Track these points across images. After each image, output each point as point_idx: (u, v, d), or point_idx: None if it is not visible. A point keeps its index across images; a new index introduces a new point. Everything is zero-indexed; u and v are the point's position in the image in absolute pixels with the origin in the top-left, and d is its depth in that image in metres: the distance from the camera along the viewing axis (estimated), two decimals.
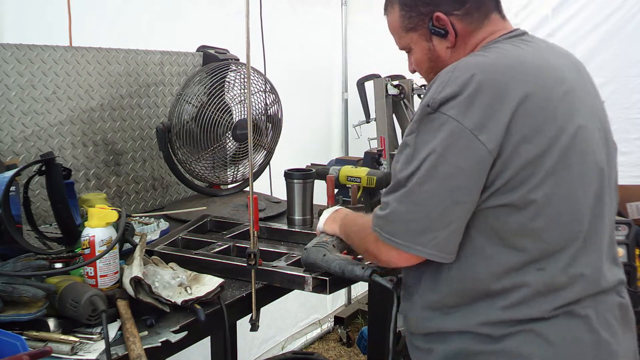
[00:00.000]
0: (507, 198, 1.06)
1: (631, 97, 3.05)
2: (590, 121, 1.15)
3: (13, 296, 1.13)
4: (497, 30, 1.22)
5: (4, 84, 1.72)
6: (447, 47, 1.22)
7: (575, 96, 1.13)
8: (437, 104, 1.06)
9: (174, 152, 2.02)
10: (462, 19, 1.20)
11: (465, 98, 1.04)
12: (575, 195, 1.09)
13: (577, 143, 1.09)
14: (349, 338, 3.56)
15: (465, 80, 1.05)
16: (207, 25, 2.65)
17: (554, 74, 1.13)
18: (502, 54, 1.14)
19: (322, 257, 1.34)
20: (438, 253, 1.09)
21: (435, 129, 1.06)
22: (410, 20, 1.24)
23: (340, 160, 2.34)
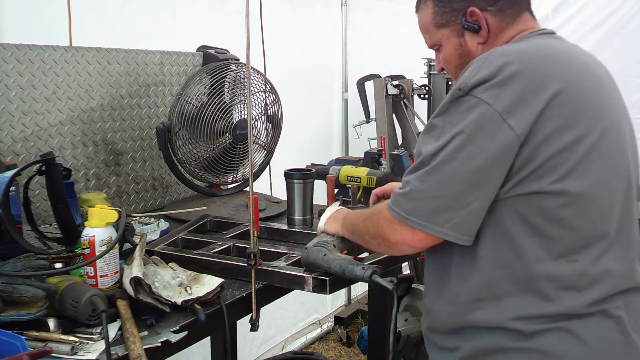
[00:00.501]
0: (537, 185, 1.06)
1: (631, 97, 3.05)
2: (621, 119, 1.17)
3: (13, 296, 1.13)
4: (527, 29, 1.23)
5: (4, 84, 1.72)
6: (479, 42, 1.24)
7: (606, 92, 1.16)
8: (469, 87, 1.07)
9: (174, 152, 2.02)
10: (495, 15, 1.22)
11: (498, 82, 1.05)
12: (606, 187, 1.10)
13: (608, 138, 1.10)
14: (349, 338, 3.56)
15: (499, 65, 1.07)
16: (207, 25, 2.65)
17: (586, 68, 1.15)
18: (537, 45, 1.16)
19: (322, 256, 1.34)
20: (454, 234, 1.08)
21: (464, 111, 1.07)
22: (443, 16, 1.25)
23: (340, 160, 2.33)
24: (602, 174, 1.09)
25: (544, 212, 1.06)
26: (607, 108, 1.13)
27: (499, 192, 1.08)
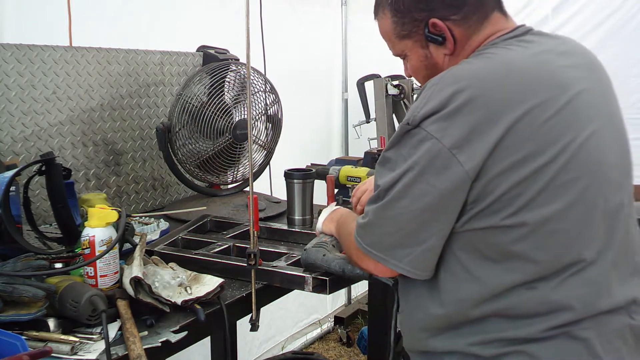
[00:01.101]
0: (491, 220, 1.00)
1: (631, 97, 3.05)
2: (601, 126, 1.08)
3: (13, 296, 1.13)
4: (498, 30, 1.13)
5: (4, 84, 1.72)
6: (445, 54, 1.15)
7: (581, 102, 1.06)
8: (417, 120, 1.01)
9: (174, 152, 2.02)
10: (460, 24, 1.12)
11: (447, 113, 0.99)
12: (577, 212, 1.02)
13: (577, 159, 1.02)
14: (349, 338, 3.56)
15: (449, 94, 0.99)
16: (207, 25, 2.65)
17: (554, 81, 1.05)
18: (496, 62, 1.06)
19: (321, 257, 1.34)
20: (412, 269, 1.07)
21: (414, 145, 1.02)
22: (403, 27, 1.16)
23: (340, 160, 2.33)
24: (569, 199, 1.01)
25: (500, 246, 1.01)
26: (581, 121, 1.04)
27: (454, 226, 1.04)
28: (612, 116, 1.13)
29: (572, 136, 1.02)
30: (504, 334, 1.03)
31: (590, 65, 1.16)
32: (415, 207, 1.03)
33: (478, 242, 1.03)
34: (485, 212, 1.00)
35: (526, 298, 1.02)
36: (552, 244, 1.01)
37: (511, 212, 0.99)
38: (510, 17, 1.18)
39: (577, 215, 1.02)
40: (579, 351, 1.01)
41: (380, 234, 1.09)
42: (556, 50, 1.12)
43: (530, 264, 1.01)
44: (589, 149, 1.04)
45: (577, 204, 1.02)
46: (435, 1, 1.11)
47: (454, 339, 1.08)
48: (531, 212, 0.99)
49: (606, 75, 1.18)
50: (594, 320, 1.03)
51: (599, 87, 1.13)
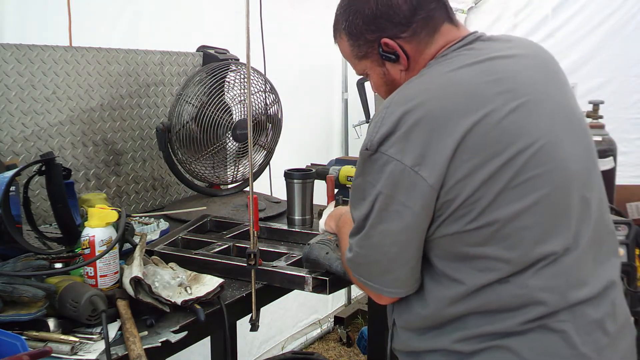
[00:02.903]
0: (456, 226, 1.04)
1: (631, 97, 3.05)
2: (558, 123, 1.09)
3: (13, 296, 1.13)
4: (450, 41, 1.16)
5: (4, 84, 1.72)
6: (401, 69, 1.18)
7: (530, 108, 1.07)
8: (375, 145, 1.05)
9: (174, 152, 2.02)
10: (410, 41, 1.15)
11: (401, 135, 1.03)
12: (536, 209, 1.04)
13: (536, 157, 1.04)
14: (349, 338, 3.56)
15: (399, 116, 1.03)
16: (207, 25, 2.65)
17: (502, 87, 1.07)
18: (440, 79, 1.09)
19: (324, 254, 1.34)
20: (404, 289, 1.13)
21: (378, 170, 1.05)
22: (359, 48, 1.21)
23: (340, 160, 2.33)
24: (532, 197, 1.03)
25: (469, 249, 1.05)
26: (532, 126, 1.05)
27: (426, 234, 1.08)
28: (568, 111, 1.14)
29: (528, 137, 1.04)
30: (483, 329, 1.06)
31: (543, 65, 1.18)
32: (394, 229, 1.07)
33: (449, 247, 1.07)
34: (450, 219, 1.04)
35: (500, 293, 1.04)
36: (519, 242, 1.03)
37: (474, 216, 1.02)
38: (461, 25, 1.21)
39: (542, 211, 1.04)
40: (556, 343, 1.04)
41: (369, 264, 1.14)
42: (504, 55, 1.14)
43: (501, 263, 1.04)
44: (547, 148, 1.06)
45: (541, 201, 1.04)
46: (384, 22, 1.15)
47: (437, 338, 1.11)
48: (493, 213, 1.02)
49: (561, 73, 1.20)
50: (569, 312, 1.05)
51: (553, 86, 1.15)
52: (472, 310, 1.06)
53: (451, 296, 1.07)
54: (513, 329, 1.04)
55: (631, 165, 2.94)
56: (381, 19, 1.14)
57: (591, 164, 1.16)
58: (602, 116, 2.46)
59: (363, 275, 1.16)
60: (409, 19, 1.13)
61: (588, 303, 1.07)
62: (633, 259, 2.24)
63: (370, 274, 1.15)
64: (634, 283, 2.21)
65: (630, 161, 2.94)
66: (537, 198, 1.04)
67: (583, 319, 1.06)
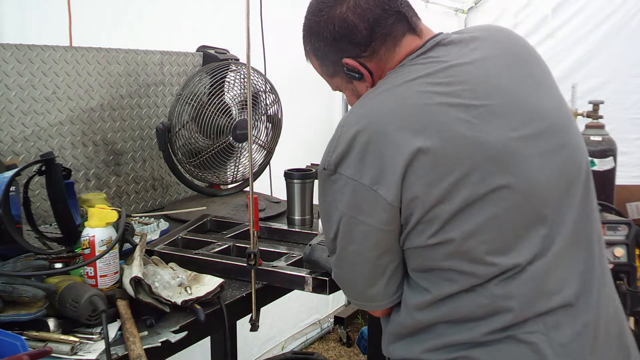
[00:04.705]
0: (419, 240, 1.04)
1: (631, 97, 3.06)
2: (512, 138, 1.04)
3: (13, 296, 1.13)
4: (410, 52, 1.15)
5: (4, 84, 1.72)
6: (367, 86, 1.19)
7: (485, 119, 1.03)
8: (332, 166, 1.06)
9: (174, 152, 2.02)
10: (371, 59, 1.16)
11: (356, 155, 1.04)
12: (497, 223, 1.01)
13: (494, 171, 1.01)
14: (349, 338, 3.56)
15: (352, 136, 1.04)
16: (207, 25, 2.65)
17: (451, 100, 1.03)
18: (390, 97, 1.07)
19: (326, 257, 1.34)
20: (385, 301, 1.14)
21: (338, 190, 1.07)
22: (327, 68, 1.23)
23: None
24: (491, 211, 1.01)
25: (432, 262, 1.05)
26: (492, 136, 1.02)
27: None
28: (533, 114, 1.08)
29: (482, 150, 1.01)
30: (451, 339, 1.06)
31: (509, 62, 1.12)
32: (364, 248, 1.09)
33: (416, 259, 1.08)
34: (413, 233, 1.04)
35: (466, 302, 1.04)
36: (479, 257, 1.02)
37: (433, 231, 1.02)
38: (425, 31, 1.18)
39: (501, 225, 1.02)
40: (525, 354, 1.01)
41: (349, 282, 1.18)
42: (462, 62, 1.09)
43: (464, 275, 1.03)
44: (505, 160, 1.02)
45: (500, 215, 1.02)
46: (344, 44, 1.16)
47: (409, 346, 1.12)
48: (452, 230, 1.01)
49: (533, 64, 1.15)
50: (540, 322, 1.02)
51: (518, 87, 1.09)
52: (440, 319, 1.07)
53: (419, 303, 1.08)
54: (479, 339, 1.03)
55: (631, 165, 2.94)
56: (341, 42, 1.16)
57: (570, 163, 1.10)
58: (602, 116, 2.46)
59: (348, 292, 1.20)
60: (367, 38, 1.14)
61: (561, 312, 1.03)
62: (633, 259, 2.24)
63: (353, 292, 1.18)
64: (634, 283, 2.21)
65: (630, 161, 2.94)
66: (496, 212, 1.01)
67: (557, 329, 1.02)
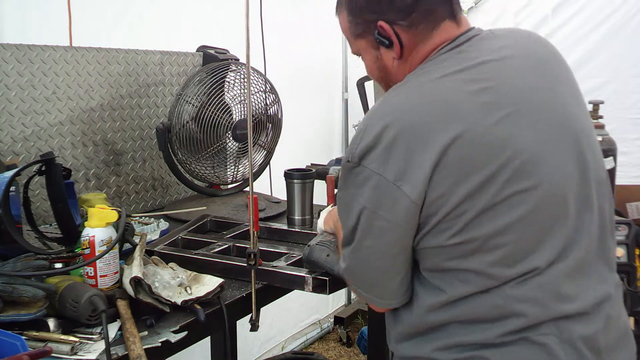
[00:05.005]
0: (439, 239, 1.03)
1: (631, 97, 3.05)
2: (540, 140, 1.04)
3: (13, 296, 1.13)
4: (445, 40, 1.12)
5: (4, 84, 1.72)
6: (394, 57, 1.15)
7: (514, 119, 1.03)
8: (357, 158, 1.04)
9: (174, 152, 2.02)
10: (407, 30, 1.11)
11: (382, 149, 1.01)
12: (521, 225, 1.01)
13: (522, 171, 1.00)
14: (349, 338, 3.56)
15: (379, 130, 1.02)
16: (207, 25, 2.65)
17: (482, 99, 1.02)
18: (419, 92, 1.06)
19: (325, 257, 1.34)
20: (395, 300, 1.13)
21: (361, 183, 1.04)
22: (357, 26, 1.17)
23: (340, 160, 2.33)
24: (518, 213, 1.00)
25: (451, 263, 1.04)
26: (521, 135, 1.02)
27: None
28: (560, 117, 1.08)
29: (511, 150, 1.00)
30: (463, 339, 1.05)
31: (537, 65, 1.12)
32: (380, 244, 1.07)
33: (431, 259, 1.07)
34: (432, 233, 1.03)
35: (480, 303, 1.03)
36: (500, 259, 1.01)
37: (456, 231, 1.01)
38: (464, 21, 1.16)
39: (525, 228, 1.01)
40: (536, 356, 1.01)
41: (360, 275, 1.15)
42: (493, 58, 1.09)
43: (481, 277, 1.02)
44: (532, 161, 1.02)
45: (524, 218, 1.01)
46: (385, 4, 1.11)
47: (419, 345, 1.11)
48: (475, 230, 1.00)
49: (562, 69, 1.15)
50: (554, 325, 1.02)
51: (545, 89, 1.10)
52: (453, 319, 1.06)
53: (432, 303, 1.07)
54: (492, 341, 1.02)
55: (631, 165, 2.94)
56: (383, 1, 1.11)
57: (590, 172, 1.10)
58: (602, 116, 2.46)
59: (357, 284, 1.18)
60: (410, 7, 1.10)
61: (576, 319, 1.03)
62: (633, 259, 2.24)
63: (362, 285, 1.17)
64: (634, 283, 2.21)
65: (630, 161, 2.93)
66: (521, 215, 1.01)
67: (569, 334, 1.02)
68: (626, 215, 2.58)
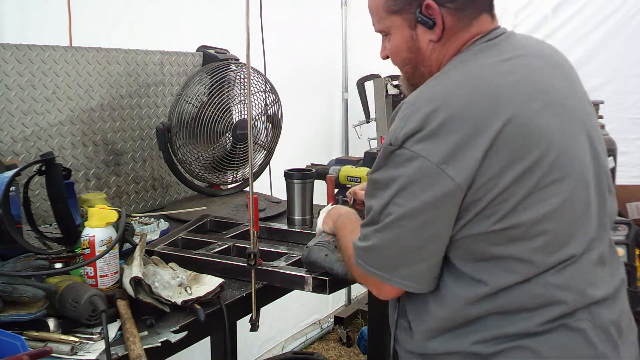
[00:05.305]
0: (483, 226, 1.03)
1: (631, 97, 3.05)
2: (574, 129, 1.10)
3: (13, 296, 1.13)
4: (481, 32, 1.14)
5: (4, 84, 1.72)
6: (431, 40, 1.13)
7: (551, 110, 1.07)
8: (400, 141, 1.03)
9: (174, 152, 2.02)
10: (453, 13, 1.11)
11: (428, 133, 1.01)
12: (560, 212, 1.04)
13: (559, 160, 1.04)
14: (349, 338, 3.56)
15: (427, 113, 1.01)
16: (207, 25, 2.65)
17: (523, 89, 1.06)
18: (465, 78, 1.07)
19: (323, 256, 1.34)
20: (417, 285, 1.10)
21: (400, 165, 1.03)
22: (396, 2, 1.13)
23: (340, 160, 2.33)
24: (557, 200, 1.03)
25: (493, 250, 1.04)
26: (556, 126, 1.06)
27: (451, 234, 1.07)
28: (580, 116, 1.14)
29: (550, 140, 1.04)
30: (503, 330, 1.05)
31: (558, 66, 1.18)
32: (413, 224, 1.05)
33: (473, 248, 1.06)
34: (476, 219, 1.03)
35: (521, 293, 1.04)
36: (542, 245, 1.03)
37: (500, 216, 1.01)
38: (496, 17, 1.18)
39: (564, 215, 1.05)
40: (576, 342, 1.05)
41: (382, 256, 1.10)
42: (526, 53, 1.14)
43: (524, 264, 1.04)
44: (567, 152, 1.06)
45: (563, 205, 1.04)
46: None
47: (456, 339, 1.10)
48: (520, 215, 1.02)
49: (572, 75, 1.21)
50: (587, 311, 1.06)
51: (568, 88, 1.16)
52: (492, 311, 1.06)
53: (471, 297, 1.06)
54: (533, 330, 1.04)
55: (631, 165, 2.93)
56: None
57: (600, 167, 1.15)
58: (602, 116, 2.46)
59: (373, 264, 1.11)
60: None
61: (603, 304, 1.08)
62: (633, 259, 2.24)
63: (381, 265, 1.11)
64: (634, 283, 2.21)
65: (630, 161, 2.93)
66: (560, 202, 1.04)
67: (600, 318, 1.07)
68: (626, 215, 2.58)
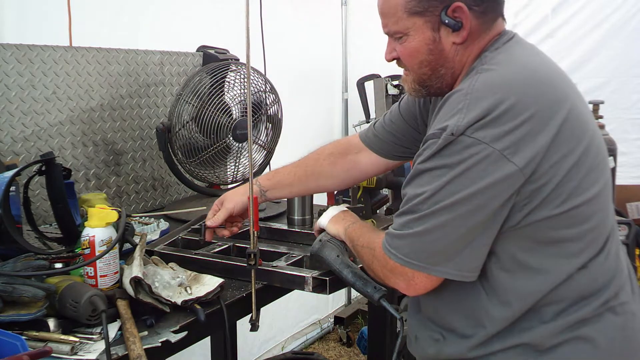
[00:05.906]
0: (546, 211, 1.04)
1: (631, 97, 3.05)
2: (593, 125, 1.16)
3: (13, 296, 1.13)
4: (497, 34, 1.16)
5: (4, 84, 1.72)
6: (455, 42, 1.13)
7: (582, 100, 1.15)
8: (462, 129, 1.01)
9: (174, 152, 2.02)
10: (478, 16, 1.11)
11: (492, 121, 1.00)
12: (604, 193, 1.11)
13: (597, 145, 1.11)
14: (349, 338, 3.56)
15: (490, 103, 1.01)
16: (207, 25, 2.65)
17: (567, 79, 1.14)
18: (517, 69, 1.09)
19: (335, 256, 1.30)
20: (459, 272, 1.07)
21: (459, 152, 1.02)
22: (420, 3, 1.10)
23: None
24: (601, 182, 1.10)
25: (556, 232, 1.06)
26: (587, 115, 1.14)
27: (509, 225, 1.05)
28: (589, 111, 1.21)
29: (590, 129, 1.10)
30: (561, 321, 1.07)
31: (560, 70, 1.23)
32: (464, 210, 1.03)
33: (536, 235, 1.07)
34: (542, 205, 1.04)
35: (580, 280, 1.08)
36: (594, 225, 1.09)
37: (562, 199, 1.04)
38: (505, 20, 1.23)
39: (605, 196, 1.12)
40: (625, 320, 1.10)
41: (422, 242, 1.06)
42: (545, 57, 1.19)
43: (582, 247, 1.08)
44: (598, 140, 1.13)
45: (604, 187, 1.11)
46: None
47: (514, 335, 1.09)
48: (578, 197, 1.05)
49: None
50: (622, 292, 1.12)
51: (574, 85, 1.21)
52: (553, 300, 1.08)
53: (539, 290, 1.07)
54: (588, 316, 1.07)
55: (631, 166, 2.93)
56: None
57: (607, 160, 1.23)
58: (602, 116, 2.46)
59: (409, 254, 1.07)
60: None
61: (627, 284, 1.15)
62: (633, 259, 2.24)
63: (419, 254, 1.06)
64: None
65: (630, 161, 2.93)
66: (603, 184, 1.10)
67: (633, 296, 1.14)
68: (626, 215, 2.58)
